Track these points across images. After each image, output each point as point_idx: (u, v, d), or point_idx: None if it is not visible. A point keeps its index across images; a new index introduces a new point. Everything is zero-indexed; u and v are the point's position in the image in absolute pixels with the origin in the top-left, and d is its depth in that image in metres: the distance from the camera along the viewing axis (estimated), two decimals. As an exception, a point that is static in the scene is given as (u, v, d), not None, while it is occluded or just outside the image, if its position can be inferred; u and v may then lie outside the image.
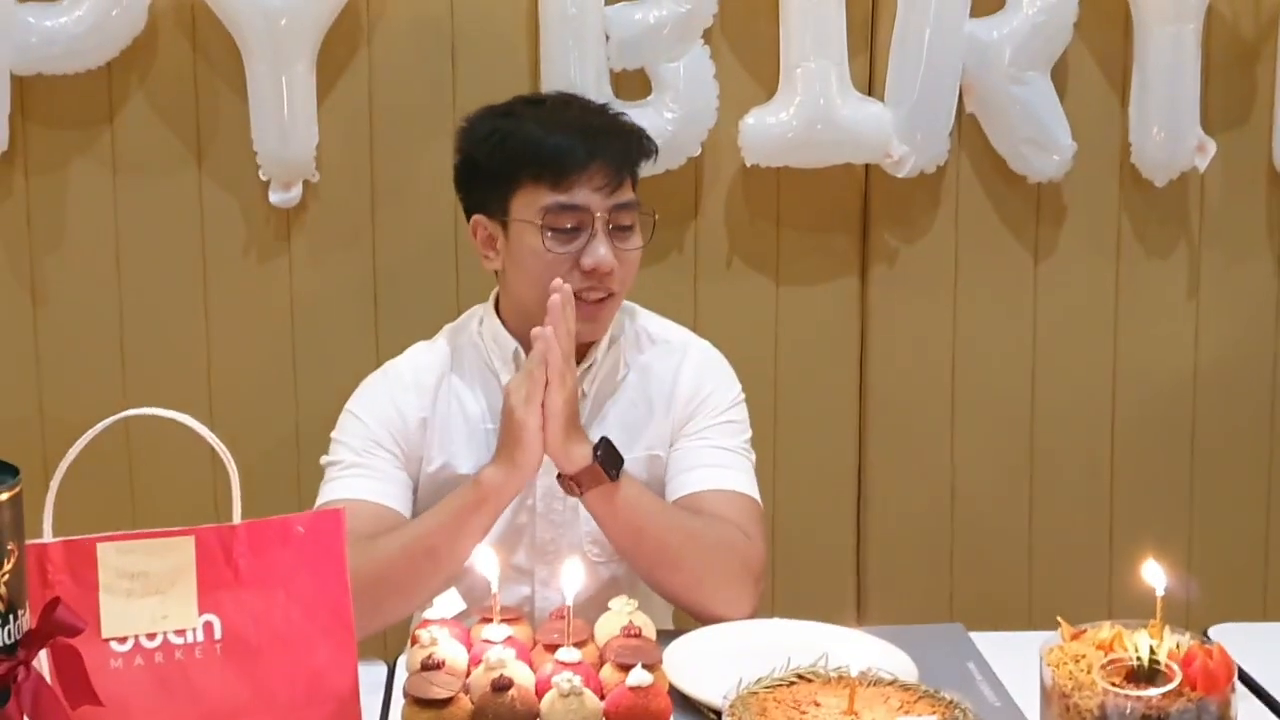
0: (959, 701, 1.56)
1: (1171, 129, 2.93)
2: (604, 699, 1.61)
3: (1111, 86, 3.01)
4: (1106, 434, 3.11)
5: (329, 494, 2.16)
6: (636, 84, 2.85)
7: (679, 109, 2.84)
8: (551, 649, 1.69)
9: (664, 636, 1.86)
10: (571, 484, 2.05)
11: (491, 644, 1.68)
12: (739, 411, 2.29)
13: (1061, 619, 1.71)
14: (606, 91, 2.80)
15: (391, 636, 2.34)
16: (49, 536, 1.53)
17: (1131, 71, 2.95)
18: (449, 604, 1.76)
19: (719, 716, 1.61)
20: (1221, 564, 3.12)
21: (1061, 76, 2.95)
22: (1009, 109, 2.91)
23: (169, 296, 2.92)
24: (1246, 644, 1.90)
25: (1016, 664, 1.85)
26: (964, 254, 3.04)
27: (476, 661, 1.65)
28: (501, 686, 1.57)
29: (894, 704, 1.56)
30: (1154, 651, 1.56)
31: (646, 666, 1.62)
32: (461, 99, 2.85)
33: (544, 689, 1.60)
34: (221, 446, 1.56)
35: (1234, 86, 3.02)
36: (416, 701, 1.57)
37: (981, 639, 2.03)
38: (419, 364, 2.28)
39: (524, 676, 1.62)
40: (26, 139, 2.83)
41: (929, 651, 1.89)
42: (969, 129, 2.97)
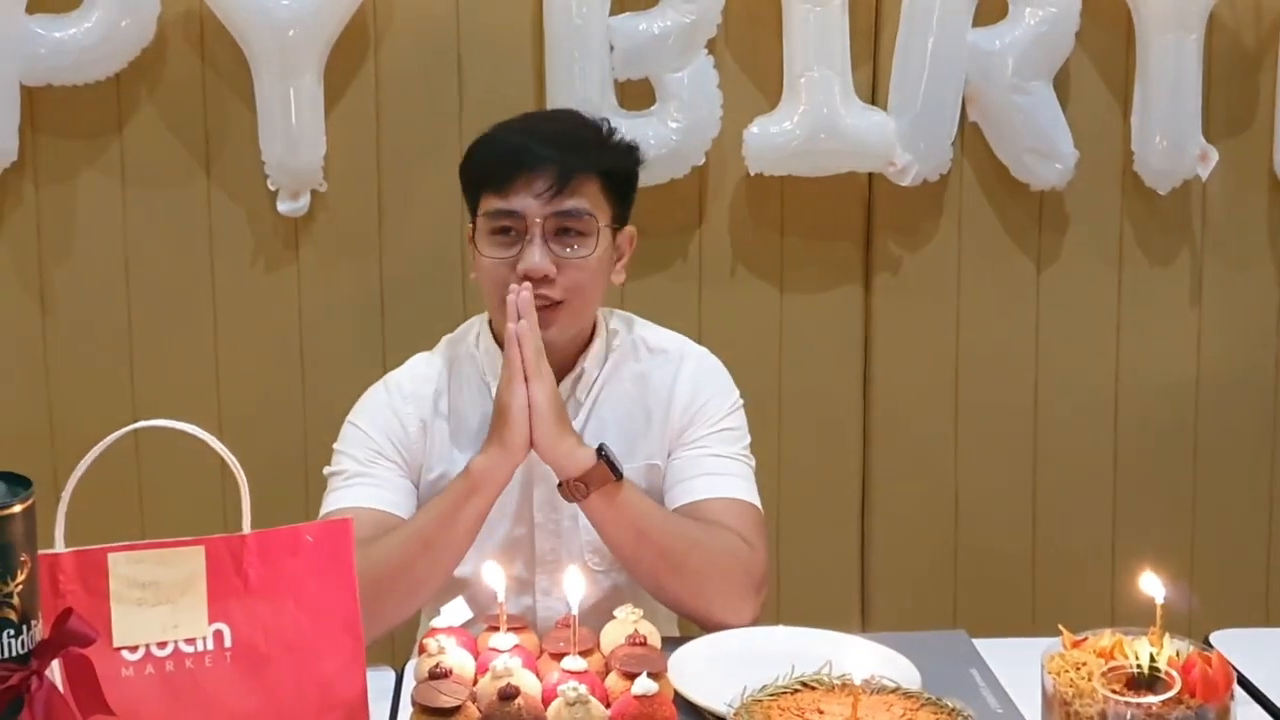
0: (962, 709, 1.57)
1: (1173, 137, 2.95)
2: (609, 707, 1.62)
3: (1114, 95, 3.02)
4: (1109, 441, 3.12)
5: (333, 503, 2.17)
6: (641, 94, 2.87)
7: (683, 118, 2.85)
8: (557, 657, 1.70)
9: (668, 644, 1.87)
10: (576, 486, 2.05)
11: (498, 652, 1.69)
12: (736, 418, 2.27)
13: (1062, 627, 1.72)
14: (610, 101, 2.82)
15: (399, 643, 2.35)
16: (60, 547, 1.54)
17: (1133, 80, 2.97)
18: (456, 613, 1.76)
19: (724, 723, 1.62)
20: (1223, 570, 3.13)
21: (1064, 85, 2.97)
22: (1012, 118, 2.93)
23: (177, 306, 2.94)
24: (1248, 650, 1.91)
25: (1019, 670, 1.85)
26: (967, 262, 3.05)
27: (483, 670, 1.66)
28: (508, 695, 1.58)
29: (897, 712, 1.57)
30: (1154, 659, 1.57)
31: (652, 675, 1.62)
32: (467, 109, 2.87)
33: (550, 697, 1.61)
34: (232, 458, 1.57)
35: (1236, 95, 3.04)
36: (425, 710, 1.58)
37: (984, 645, 2.03)
38: (417, 374, 2.28)
39: (530, 685, 1.63)
40: (36, 149, 2.85)
41: (932, 658, 1.90)
42: (972, 138, 2.98)
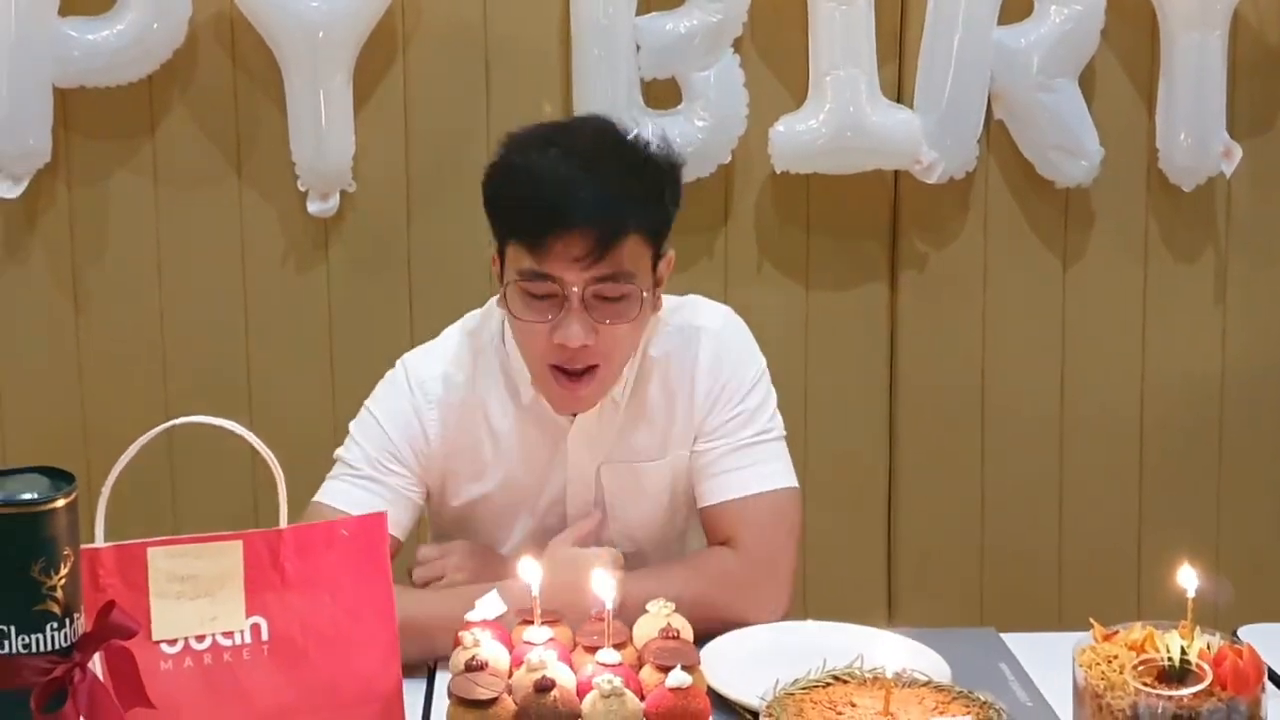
0: (993, 702, 1.58)
1: (1198, 134, 2.95)
2: (644, 700, 1.63)
3: (1138, 92, 3.03)
4: (1135, 436, 3.13)
5: (332, 493, 2.07)
6: (667, 93, 2.88)
7: (709, 117, 2.87)
8: (591, 650, 1.71)
9: (699, 639, 1.87)
10: None
11: (533, 646, 1.70)
12: (758, 392, 2.15)
13: (1094, 620, 1.73)
14: (637, 100, 2.83)
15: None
16: (100, 541, 1.56)
17: (1158, 77, 2.97)
18: (490, 606, 1.77)
19: (756, 717, 1.63)
20: (1250, 565, 3.12)
21: (1089, 83, 2.98)
22: (1037, 115, 2.94)
23: (209, 306, 2.96)
24: (1276, 644, 1.90)
25: (1048, 666, 1.86)
26: (993, 259, 3.06)
27: (518, 663, 1.67)
28: (544, 687, 1.58)
29: (928, 705, 1.57)
30: (1185, 652, 1.57)
31: (685, 668, 1.63)
32: (495, 109, 2.89)
33: (585, 690, 1.62)
34: (269, 454, 1.58)
35: (1260, 92, 3.04)
36: (461, 702, 1.58)
37: (1013, 640, 2.03)
38: (448, 379, 2.14)
39: (565, 678, 1.63)
40: (69, 151, 2.88)
41: (961, 653, 1.89)
42: (998, 135, 2.99)
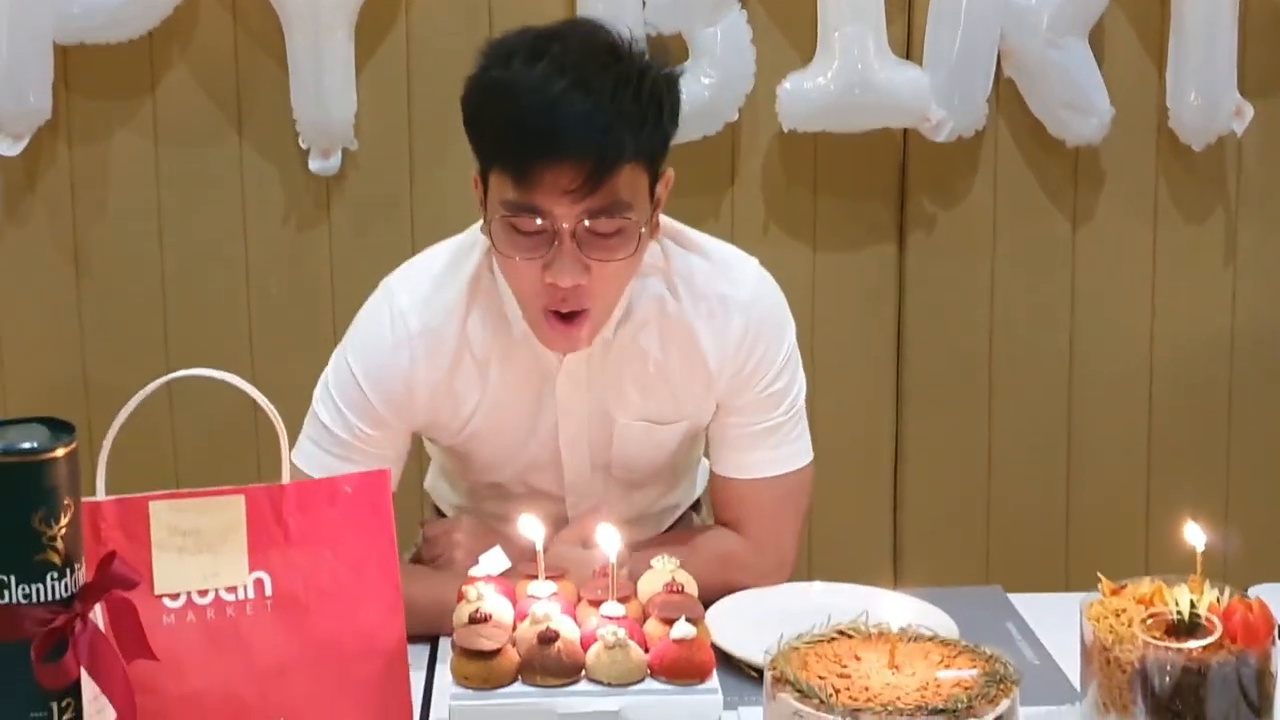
0: (1000, 655, 1.57)
1: (1209, 93, 2.93)
2: (648, 652, 1.62)
3: (1148, 51, 3.00)
4: (1144, 397, 3.12)
5: (307, 456, 1.96)
6: (674, 49, 2.86)
7: (716, 74, 2.85)
8: (595, 605, 1.70)
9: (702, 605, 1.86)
10: None
11: (536, 599, 1.69)
12: (787, 373, 2.06)
13: (1101, 575, 1.72)
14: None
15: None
16: (102, 495, 1.55)
17: (1169, 36, 2.95)
18: (494, 562, 1.77)
19: (760, 675, 1.62)
20: (1258, 525, 3.11)
21: (1099, 41, 2.95)
22: (1047, 73, 2.91)
23: (210, 264, 2.95)
24: (1286, 602, 1.90)
25: (1055, 625, 1.85)
26: (1002, 219, 3.04)
27: (522, 616, 1.66)
28: (548, 639, 1.58)
29: (934, 659, 1.56)
30: (1194, 605, 1.56)
31: (690, 620, 1.63)
32: (499, 66, 2.86)
33: (589, 642, 1.61)
34: (271, 408, 1.58)
35: (1271, 51, 3.02)
36: (465, 653, 1.58)
37: (1019, 600, 2.03)
38: (426, 305, 1.95)
39: (570, 629, 1.63)
40: (69, 109, 2.87)
41: (968, 612, 1.89)
42: (1007, 93, 2.97)
